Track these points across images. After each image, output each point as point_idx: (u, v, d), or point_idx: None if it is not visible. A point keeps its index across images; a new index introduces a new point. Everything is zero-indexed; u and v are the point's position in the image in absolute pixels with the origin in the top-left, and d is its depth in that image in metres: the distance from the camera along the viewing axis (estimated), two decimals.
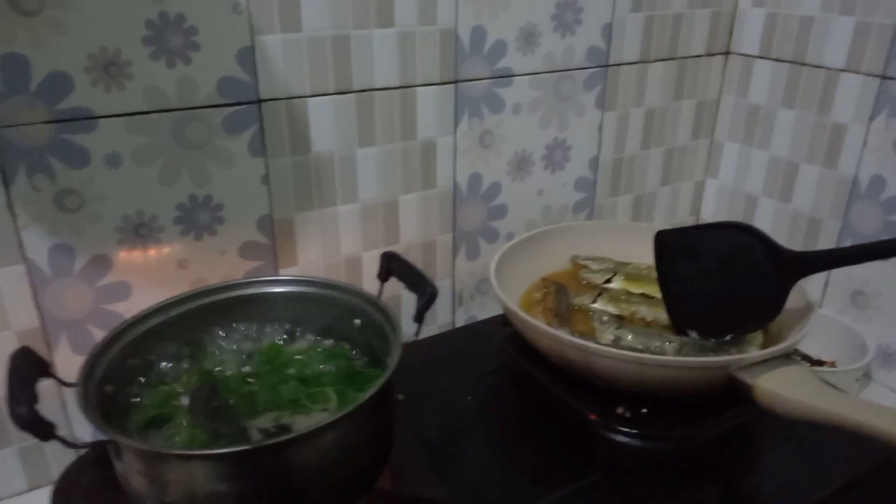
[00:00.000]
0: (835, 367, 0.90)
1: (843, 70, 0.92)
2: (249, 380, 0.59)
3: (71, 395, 0.67)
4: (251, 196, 0.76)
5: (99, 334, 0.72)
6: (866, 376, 0.94)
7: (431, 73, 0.82)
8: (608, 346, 0.70)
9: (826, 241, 0.97)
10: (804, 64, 0.96)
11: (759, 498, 0.65)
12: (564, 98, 0.93)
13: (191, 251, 0.75)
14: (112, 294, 0.72)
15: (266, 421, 0.55)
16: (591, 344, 0.63)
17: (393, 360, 0.51)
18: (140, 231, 0.71)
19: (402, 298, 0.88)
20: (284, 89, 0.74)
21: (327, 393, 0.56)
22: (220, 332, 0.65)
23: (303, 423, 0.54)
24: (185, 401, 0.45)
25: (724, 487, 0.64)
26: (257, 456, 0.45)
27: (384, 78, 0.79)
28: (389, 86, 0.80)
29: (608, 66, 0.95)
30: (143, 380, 0.59)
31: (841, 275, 0.96)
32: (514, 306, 0.70)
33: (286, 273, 0.80)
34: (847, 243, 0.95)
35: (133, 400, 0.57)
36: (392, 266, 0.63)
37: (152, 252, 0.73)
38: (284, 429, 0.53)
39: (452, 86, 0.84)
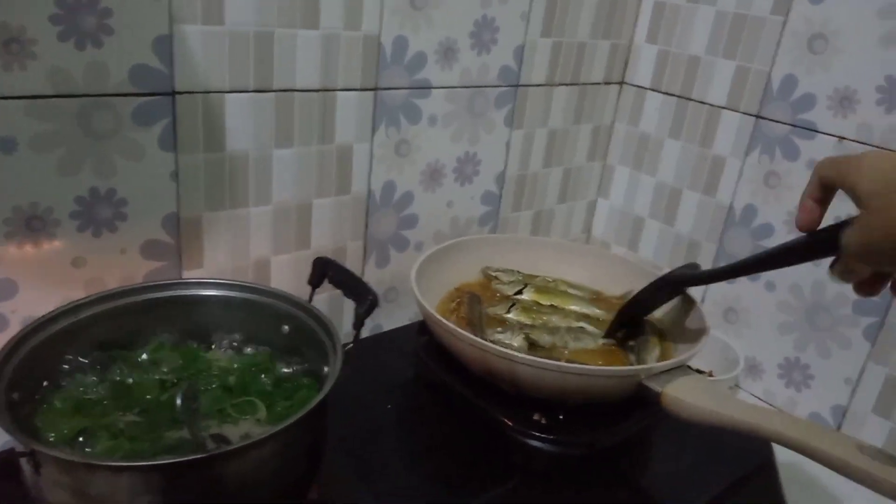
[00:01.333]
0: (712, 376, 0.99)
1: (723, 108, 1.01)
2: (168, 387, 0.55)
3: None
4: (158, 192, 0.72)
5: None
6: (736, 385, 1.04)
7: (353, 79, 0.82)
8: (523, 351, 0.73)
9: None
10: (690, 99, 1.05)
11: (669, 494, 0.70)
12: (477, 114, 0.96)
13: (87, 248, 0.69)
14: None
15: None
16: (515, 353, 0.66)
17: (335, 368, 0.50)
18: (32, 224, 0.65)
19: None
20: (202, 83, 0.71)
21: (256, 403, 0.54)
22: (134, 338, 0.60)
23: (232, 432, 0.52)
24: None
25: (633, 488, 0.68)
26: (203, 466, 0.43)
27: (306, 79, 0.78)
28: (310, 88, 0.79)
29: (518, 86, 0.99)
30: (49, 385, 0.53)
31: (717, 293, 1.06)
32: (439, 315, 0.71)
33: (211, 277, 0.75)
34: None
35: (43, 406, 0.52)
36: (328, 272, 0.61)
37: (44, 248, 0.66)
38: (220, 438, 0.50)
39: (372, 93, 0.84)
